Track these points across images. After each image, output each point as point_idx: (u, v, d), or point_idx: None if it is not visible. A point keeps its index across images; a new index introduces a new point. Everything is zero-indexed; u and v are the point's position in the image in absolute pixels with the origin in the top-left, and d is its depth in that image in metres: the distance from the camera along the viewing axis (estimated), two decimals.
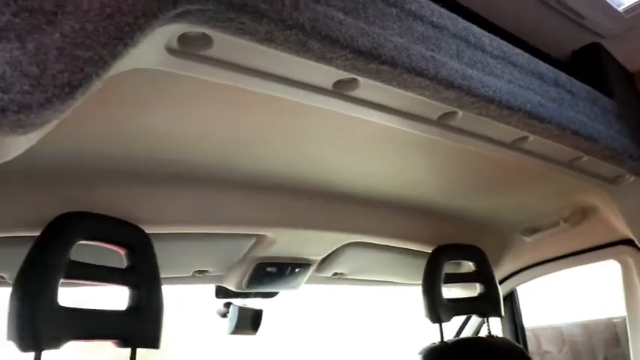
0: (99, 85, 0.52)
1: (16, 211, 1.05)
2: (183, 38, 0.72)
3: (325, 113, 1.02)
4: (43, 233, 1.00)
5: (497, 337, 1.87)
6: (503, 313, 1.87)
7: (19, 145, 0.58)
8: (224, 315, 1.91)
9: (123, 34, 0.52)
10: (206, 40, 0.73)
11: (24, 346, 0.92)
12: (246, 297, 1.89)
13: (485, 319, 1.87)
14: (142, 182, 1.20)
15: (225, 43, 0.74)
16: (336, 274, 1.94)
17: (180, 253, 1.49)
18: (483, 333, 1.92)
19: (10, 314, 0.92)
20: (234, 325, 1.78)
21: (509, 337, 2.33)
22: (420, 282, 1.77)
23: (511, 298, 2.36)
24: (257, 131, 1.14)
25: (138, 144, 1.07)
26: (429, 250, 1.84)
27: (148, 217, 1.24)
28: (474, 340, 2.01)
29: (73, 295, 1.10)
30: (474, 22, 1.08)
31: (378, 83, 0.90)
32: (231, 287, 1.76)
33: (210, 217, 1.38)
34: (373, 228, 1.73)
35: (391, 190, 1.60)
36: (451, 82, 0.93)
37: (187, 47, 0.74)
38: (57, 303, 0.97)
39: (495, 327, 2.22)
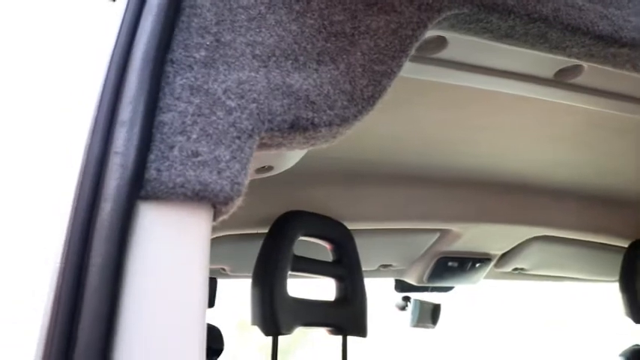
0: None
1: (247, 210, 1.17)
2: (421, 43, 0.74)
3: (526, 104, 0.99)
4: (272, 230, 1.10)
5: None
6: None
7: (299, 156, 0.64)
8: (402, 308, 1.95)
9: (405, 47, 0.55)
10: (440, 42, 0.75)
11: (266, 331, 1.02)
12: (424, 291, 1.91)
13: None
14: (347, 182, 1.26)
15: (459, 44, 0.75)
16: (516, 269, 1.87)
17: (370, 248, 1.54)
18: None
19: (253, 303, 1.03)
20: (416, 318, 1.81)
21: None
22: (611, 278, 1.65)
23: None
24: (460, 129, 1.14)
25: (351, 145, 1.13)
26: (624, 244, 1.70)
27: (348, 214, 1.30)
28: None
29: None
30: None
31: (608, 68, 0.85)
32: (412, 281, 1.79)
33: (401, 213, 1.41)
34: (562, 221, 1.63)
35: (588, 179, 1.50)
36: None
37: (422, 51, 0.76)
38: (287, 293, 1.07)
39: None
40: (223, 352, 1.23)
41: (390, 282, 1.92)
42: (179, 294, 0.44)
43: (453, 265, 1.71)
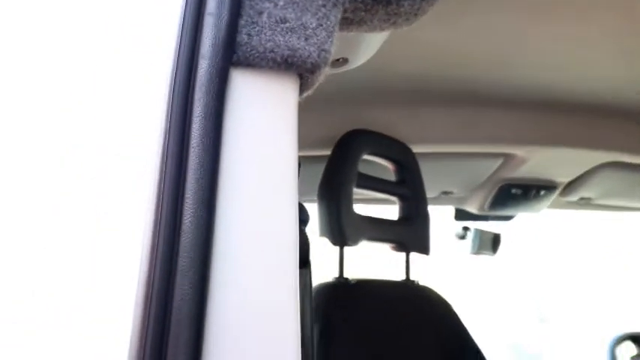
0: None
1: (310, 131, 1.18)
2: None
3: (607, 12, 0.93)
4: (337, 147, 1.11)
5: None
6: None
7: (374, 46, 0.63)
8: (462, 237, 1.95)
9: None
10: None
11: (333, 241, 1.06)
12: (484, 220, 1.90)
13: None
14: (410, 102, 1.25)
15: None
16: (582, 198, 1.81)
17: (431, 174, 1.53)
18: None
19: (320, 216, 1.06)
20: (476, 246, 1.81)
21: None
22: None
23: None
24: (534, 38, 1.09)
25: (416, 60, 1.11)
26: None
27: (411, 137, 1.29)
28: None
29: None
30: None
31: None
32: (473, 210, 1.78)
33: (465, 136, 1.39)
34: (635, 146, 1.56)
35: None
36: None
37: None
38: (353, 209, 1.09)
39: None
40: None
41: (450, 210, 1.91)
42: (270, 167, 0.46)
43: (517, 193, 1.68)
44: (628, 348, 1.88)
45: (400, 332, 1.10)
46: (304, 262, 0.51)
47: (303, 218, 0.50)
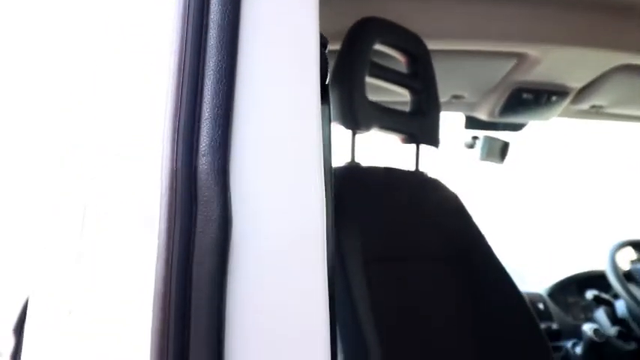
0: None
1: (321, 22, 1.17)
2: None
3: None
4: (349, 35, 1.11)
5: None
6: None
7: None
8: (471, 147, 1.97)
9: None
10: None
11: (345, 125, 1.08)
12: (494, 128, 1.90)
13: None
14: None
15: None
16: (593, 106, 1.81)
17: (443, 74, 1.52)
18: None
19: (333, 102, 1.07)
20: (484, 152, 1.83)
21: None
22: None
23: None
24: None
25: None
26: None
27: (423, 30, 1.27)
28: None
29: None
30: None
31: None
32: (483, 116, 1.78)
33: (479, 32, 1.37)
34: None
35: None
36: None
37: None
38: (365, 95, 1.09)
39: None
40: None
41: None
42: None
43: (528, 98, 1.68)
44: (628, 253, 1.94)
45: (408, 218, 1.13)
46: (324, 90, 0.52)
47: (323, 42, 0.52)
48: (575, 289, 2.08)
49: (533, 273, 1.96)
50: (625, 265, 1.91)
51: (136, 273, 0.52)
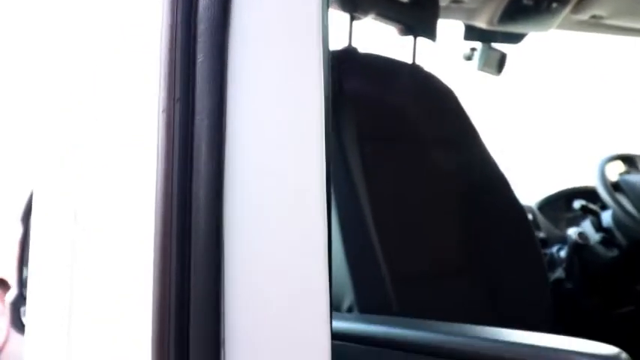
0: None
1: None
2: None
3: None
4: None
5: None
6: None
7: None
8: (469, 58, 1.96)
9: None
10: None
11: (343, 9, 1.07)
12: (493, 40, 1.89)
13: None
14: None
15: None
16: (594, 16, 1.79)
17: None
18: None
19: None
20: (482, 62, 1.83)
21: None
22: None
23: None
24: None
25: None
26: None
27: None
28: None
29: None
30: None
31: None
32: (482, 24, 1.76)
33: None
34: None
35: None
36: None
37: None
38: None
39: None
40: None
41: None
42: None
43: (528, 4, 1.66)
44: (617, 166, 1.99)
45: (404, 102, 1.15)
46: None
47: None
48: (563, 203, 2.13)
49: (523, 186, 2.01)
50: (614, 178, 1.96)
51: (131, 277, 0.53)
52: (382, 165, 1.05)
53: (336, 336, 0.52)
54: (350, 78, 1.06)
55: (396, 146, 1.12)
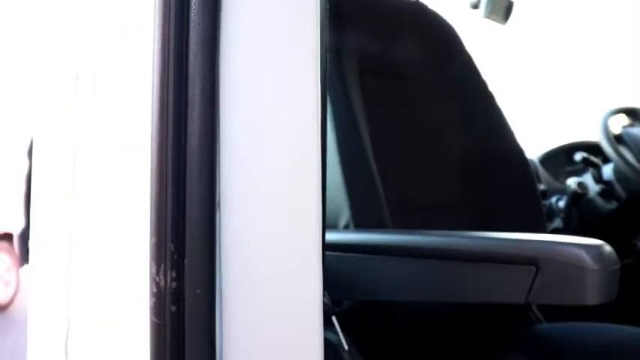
0: None
1: None
2: None
3: None
4: None
5: None
6: None
7: None
8: (475, 6, 1.93)
9: None
10: None
11: None
12: None
13: None
14: None
15: None
16: None
17: None
18: None
19: None
20: (488, 9, 1.79)
21: None
22: None
23: None
24: None
25: None
26: None
27: None
28: None
29: None
30: None
31: None
32: None
33: None
34: None
35: None
36: None
37: None
38: None
39: None
40: None
41: None
42: None
43: None
44: (621, 119, 1.97)
45: (406, 38, 1.14)
46: None
47: None
48: (564, 157, 2.13)
49: (525, 140, 2.01)
50: (617, 131, 1.95)
51: (130, 273, 0.54)
52: (382, 99, 1.05)
53: (331, 247, 0.53)
54: (352, 13, 1.05)
55: (397, 83, 1.12)
